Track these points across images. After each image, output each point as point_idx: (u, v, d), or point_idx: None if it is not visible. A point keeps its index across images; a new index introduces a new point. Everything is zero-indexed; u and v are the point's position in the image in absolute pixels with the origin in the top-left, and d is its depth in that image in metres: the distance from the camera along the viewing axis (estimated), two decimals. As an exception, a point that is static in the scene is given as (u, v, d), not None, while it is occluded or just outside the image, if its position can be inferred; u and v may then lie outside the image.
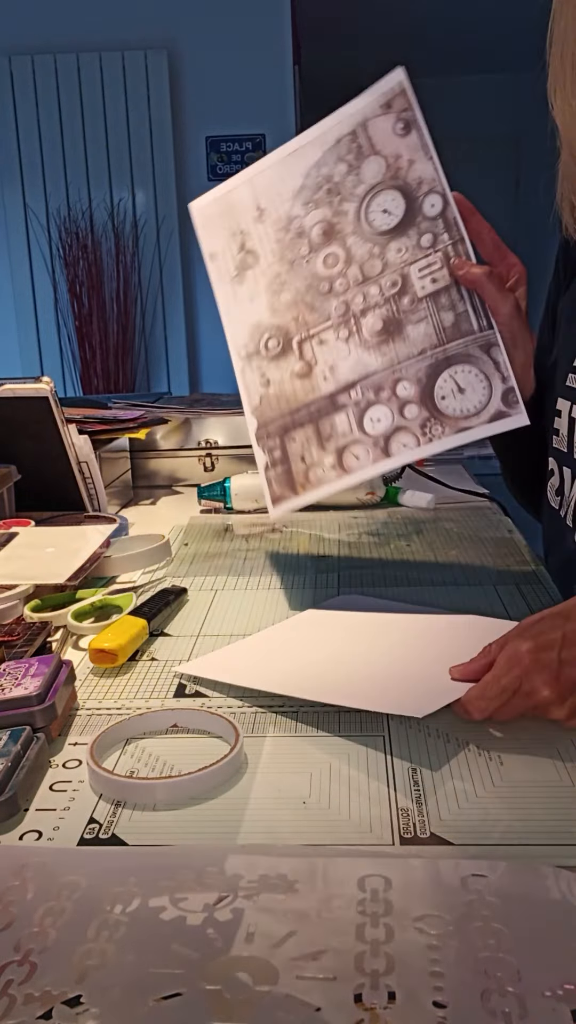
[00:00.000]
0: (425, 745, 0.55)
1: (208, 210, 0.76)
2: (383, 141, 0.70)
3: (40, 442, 1.06)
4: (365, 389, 0.70)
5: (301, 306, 0.72)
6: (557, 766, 0.52)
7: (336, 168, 0.70)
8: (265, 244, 0.72)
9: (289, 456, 0.73)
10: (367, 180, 0.70)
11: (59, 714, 0.58)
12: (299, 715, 0.60)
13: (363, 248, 0.70)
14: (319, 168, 0.71)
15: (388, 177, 0.69)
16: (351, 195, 0.70)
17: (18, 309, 3.93)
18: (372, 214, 0.69)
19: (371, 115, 0.69)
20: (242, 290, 0.74)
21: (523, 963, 0.35)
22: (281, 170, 0.72)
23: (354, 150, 0.70)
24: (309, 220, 0.71)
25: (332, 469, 0.72)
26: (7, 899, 0.40)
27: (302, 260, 0.71)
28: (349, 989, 0.34)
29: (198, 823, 0.48)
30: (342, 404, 0.71)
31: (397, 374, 0.69)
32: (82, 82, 3.70)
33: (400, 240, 0.69)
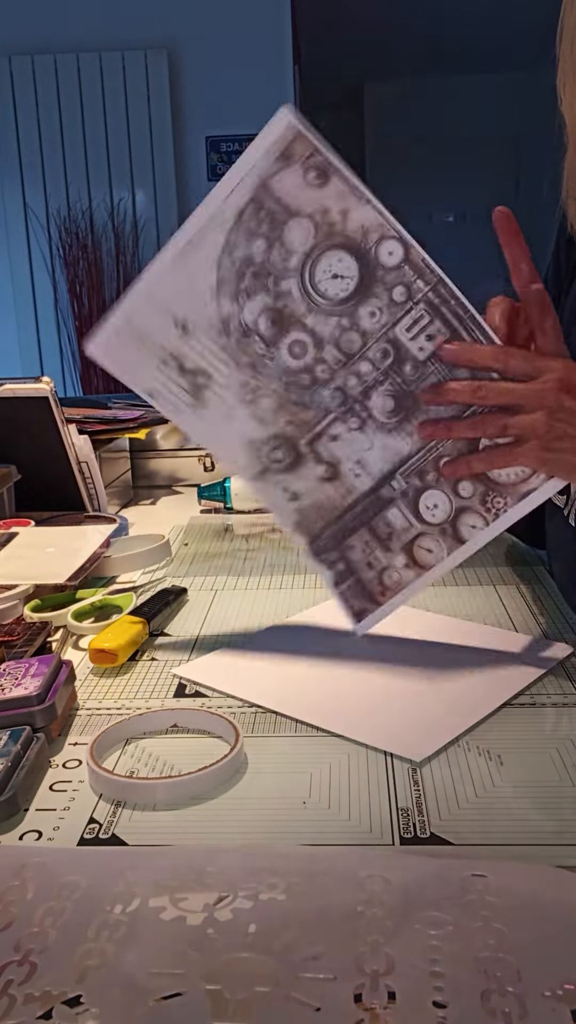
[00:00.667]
0: (425, 745, 0.55)
1: (115, 350, 0.62)
2: (297, 198, 0.57)
3: (40, 442, 1.06)
4: (407, 476, 0.62)
5: (290, 407, 0.61)
6: (557, 766, 0.52)
7: (252, 246, 0.58)
8: (209, 358, 0.61)
9: (355, 567, 0.65)
10: (297, 249, 0.58)
11: (59, 714, 0.58)
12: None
13: (328, 325, 0.59)
14: (229, 254, 0.58)
15: (322, 237, 0.57)
16: (285, 271, 0.58)
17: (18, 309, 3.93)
18: (321, 284, 0.58)
19: (268, 173, 0.57)
20: (209, 414, 0.62)
21: (523, 963, 0.35)
22: (180, 273, 0.59)
23: (265, 220, 0.57)
24: (248, 315, 0.59)
25: (407, 569, 0.64)
26: (7, 899, 0.40)
27: (263, 359, 0.60)
28: (349, 989, 0.34)
29: (198, 823, 0.48)
30: (388, 498, 0.62)
31: (435, 451, 0.61)
32: (82, 82, 3.70)
33: (368, 303, 0.58)
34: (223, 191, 0.58)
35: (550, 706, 0.60)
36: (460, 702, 0.60)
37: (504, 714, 0.59)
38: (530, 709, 0.60)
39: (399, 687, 0.63)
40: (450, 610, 0.78)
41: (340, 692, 0.63)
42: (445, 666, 0.66)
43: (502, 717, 0.59)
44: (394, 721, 0.58)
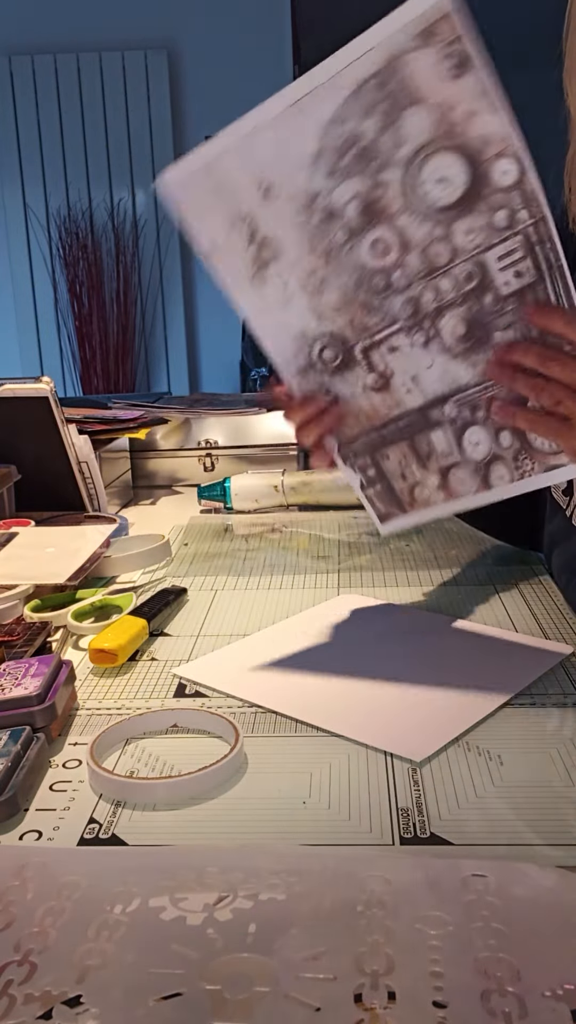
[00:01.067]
0: (425, 745, 0.55)
1: (188, 189, 0.57)
2: (426, 86, 0.51)
3: (40, 442, 1.06)
4: (461, 406, 0.59)
5: (355, 307, 0.57)
6: (557, 766, 0.52)
7: (364, 124, 0.52)
8: (284, 231, 0.56)
9: (387, 474, 0.64)
10: (411, 139, 0.52)
11: (59, 714, 0.58)
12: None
13: (421, 229, 0.54)
14: (338, 125, 0.52)
15: (440, 135, 0.52)
16: (392, 160, 0.53)
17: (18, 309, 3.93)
18: (425, 185, 0.53)
19: (403, 49, 0.50)
20: (268, 293, 0.58)
21: (523, 963, 0.35)
22: (282, 131, 0.54)
23: (385, 98, 0.51)
24: (339, 195, 0.54)
25: (439, 491, 0.63)
26: (7, 899, 0.40)
27: (341, 249, 0.56)
28: (349, 989, 0.34)
29: (198, 823, 0.48)
30: (436, 420, 0.60)
31: (492, 391, 0.58)
32: (82, 82, 3.70)
33: (468, 219, 0.53)
34: (348, 56, 0.52)
35: (550, 706, 0.60)
36: (460, 702, 0.60)
37: (504, 714, 0.59)
38: (530, 709, 0.60)
39: (399, 687, 0.63)
40: (450, 610, 0.78)
41: (340, 692, 0.63)
42: (445, 666, 0.66)
43: (502, 717, 0.59)
44: (394, 721, 0.58)
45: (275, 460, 1.30)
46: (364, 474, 0.65)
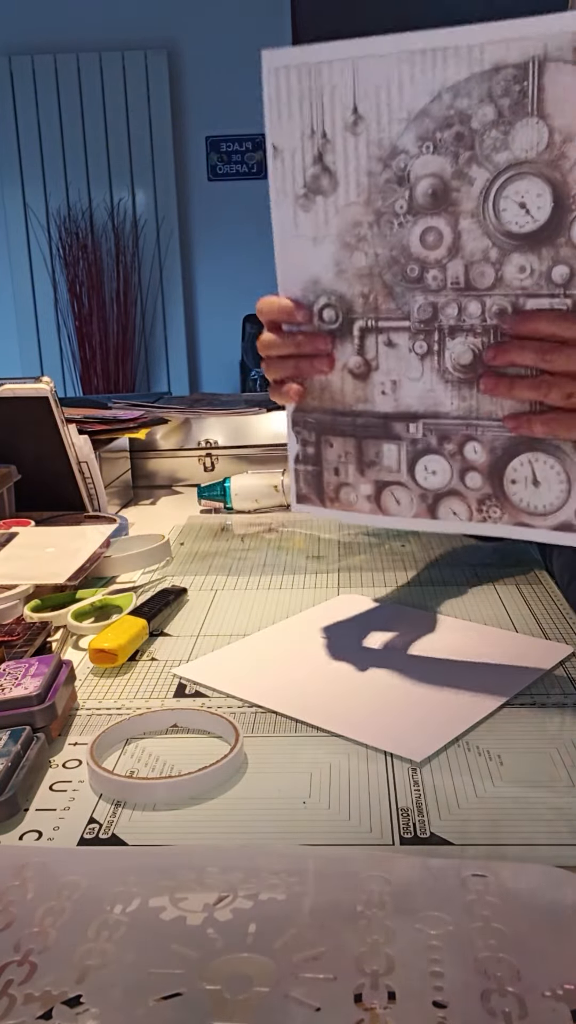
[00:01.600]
0: (425, 745, 0.55)
1: (285, 79, 0.53)
2: (558, 104, 0.48)
3: (40, 442, 1.06)
4: (428, 430, 0.57)
5: (377, 283, 0.54)
6: (557, 766, 0.52)
7: (479, 109, 0.49)
8: (351, 168, 0.53)
9: (323, 460, 0.62)
10: (515, 149, 0.49)
11: (59, 714, 0.58)
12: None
13: (478, 242, 0.52)
14: (454, 95, 0.49)
15: (545, 161, 0.49)
16: (486, 159, 0.50)
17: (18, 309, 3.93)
18: (504, 201, 0.50)
19: (556, 56, 0.47)
20: (306, 220, 0.55)
21: (523, 963, 0.35)
22: (403, 70, 0.50)
23: (514, 95, 0.48)
24: (419, 166, 0.51)
25: (366, 500, 0.61)
26: (7, 899, 0.40)
27: (393, 219, 0.53)
28: (349, 989, 0.34)
29: (198, 823, 0.48)
30: (396, 435, 0.58)
31: (471, 431, 0.56)
32: (82, 82, 3.70)
33: (528, 256, 0.51)
34: (497, 33, 0.49)
35: (550, 706, 0.60)
36: (460, 702, 0.60)
37: (504, 714, 0.59)
38: (530, 709, 0.60)
39: (399, 687, 0.63)
40: (450, 610, 0.78)
41: (340, 692, 0.63)
42: (445, 666, 0.66)
43: (502, 717, 0.59)
44: (394, 721, 0.58)
45: (275, 460, 1.30)
46: (303, 448, 0.62)
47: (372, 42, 0.52)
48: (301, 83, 0.53)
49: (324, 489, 0.63)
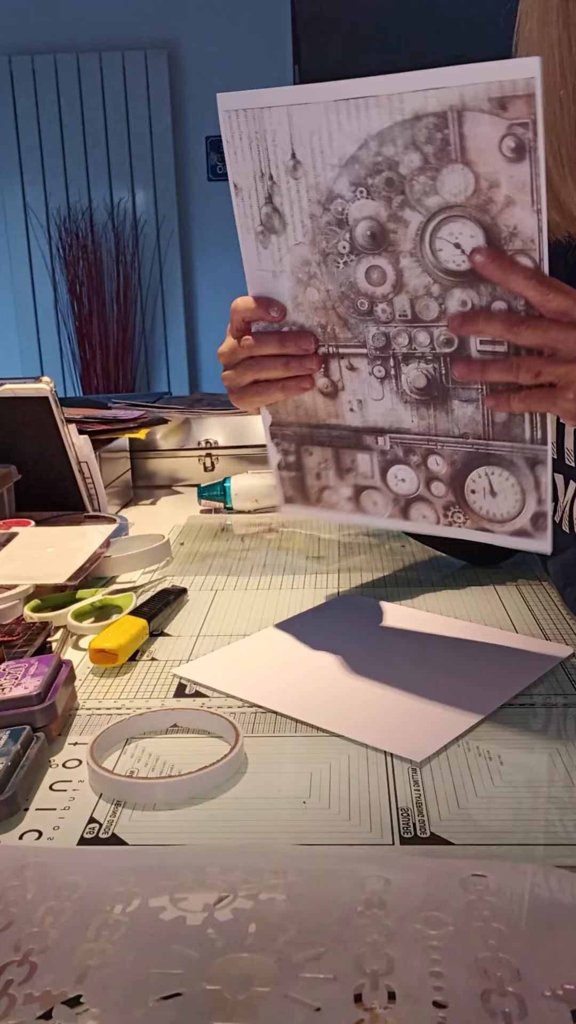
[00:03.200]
0: (425, 745, 0.55)
1: (237, 122, 0.57)
2: (480, 152, 0.50)
3: (40, 442, 1.06)
4: (395, 443, 0.60)
5: (331, 315, 0.58)
6: (557, 766, 0.52)
7: (406, 155, 0.51)
8: (295, 211, 0.55)
9: (304, 467, 0.66)
10: (444, 193, 0.51)
11: (59, 714, 0.58)
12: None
13: (419, 280, 0.54)
14: (381, 143, 0.51)
15: (474, 205, 0.51)
16: (418, 203, 0.52)
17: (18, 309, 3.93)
18: (440, 242, 0.52)
19: (473, 105, 0.49)
20: (265, 255, 0.58)
21: (523, 963, 0.35)
22: (329, 117, 0.53)
23: (437, 142, 0.50)
24: (356, 210, 0.53)
25: (348, 502, 0.66)
26: (7, 899, 0.40)
27: (339, 259, 0.56)
28: (349, 989, 0.34)
29: (198, 823, 0.48)
30: (367, 446, 0.62)
31: (432, 445, 0.59)
32: (82, 82, 3.70)
33: (468, 291, 0.53)
34: (417, 82, 0.50)
35: (550, 706, 0.60)
36: (460, 702, 0.60)
37: (504, 714, 0.59)
38: (530, 709, 0.60)
39: (399, 687, 0.63)
40: (450, 611, 0.78)
41: (340, 692, 0.63)
42: (445, 666, 0.66)
43: (502, 717, 0.59)
44: (394, 721, 0.58)
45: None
46: (284, 457, 0.66)
47: (304, 89, 0.54)
48: (249, 126, 0.56)
49: (308, 492, 0.67)
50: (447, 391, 0.57)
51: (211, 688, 0.64)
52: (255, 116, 0.56)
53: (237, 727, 0.55)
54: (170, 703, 0.63)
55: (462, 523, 0.62)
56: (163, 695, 0.64)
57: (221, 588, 0.87)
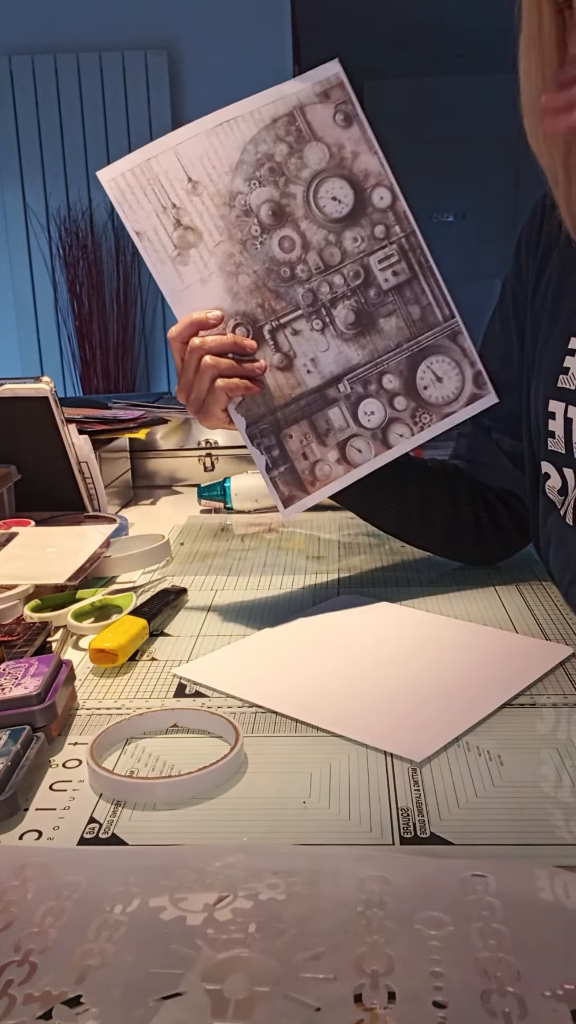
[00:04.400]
0: (425, 745, 0.55)
1: (125, 181, 0.68)
2: (324, 129, 0.69)
3: (40, 442, 1.06)
4: (353, 383, 0.70)
5: (265, 291, 0.68)
6: (557, 766, 0.52)
7: (276, 147, 0.68)
8: (207, 220, 0.67)
9: (290, 454, 0.71)
10: (311, 165, 0.68)
11: (59, 714, 0.58)
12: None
13: (318, 234, 0.68)
14: (256, 145, 0.67)
15: (333, 165, 0.68)
16: (296, 178, 0.68)
17: (18, 309, 3.93)
18: (322, 200, 0.68)
19: (308, 101, 0.68)
20: (188, 271, 0.67)
21: (523, 963, 0.35)
22: (212, 141, 0.67)
23: (293, 132, 0.68)
24: (255, 198, 0.67)
25: (338, 464, 0.71)
26: (7, 899, 0.40)
27: (255, 241, 0.67)
28: (349, 989, 0.34)
29: (198, 823, 0.48)
30: (332, 398, 0.70)
31: (380, 368, 0.70)
32: (82, 82, 3.70)
33: (354, 230, 0.69)
34: (266, 98, 0.68)
35: (550, 706, 0.60)
36: (460, 702, 0.60)
37: (504, 714, 0.59)
38: (530, 709, 0.60)
39: (399, 687, 0.63)
40: (450, 611, 0.78)
41: (340, 692, 0.63)
42: (445, 666, 0.66)
43: (502, 717, 0.59)
44: (394, 721, 0.58)
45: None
46: (269, 455, 0.71)
47: (180, 132, 0.68)
48: (139, 179, 0.68)
49: (302, 478, 0.72)
50: (371, 314, 0.70)
51: (211, 688, 0.64)
52: (143, 168, 0.68)
53: (237, 727, 0.55)
54: (170, 703, 0.63)
55: (429, 422, 0.72)
56: (163, 695, 0.64)
57: (221, 588, 0.87)
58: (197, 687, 0.65)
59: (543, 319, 0.80)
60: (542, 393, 0.78)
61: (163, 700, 0.63)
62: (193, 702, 0.63)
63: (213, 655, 0.70)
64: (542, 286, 0.81)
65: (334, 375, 0.70)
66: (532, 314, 0.82)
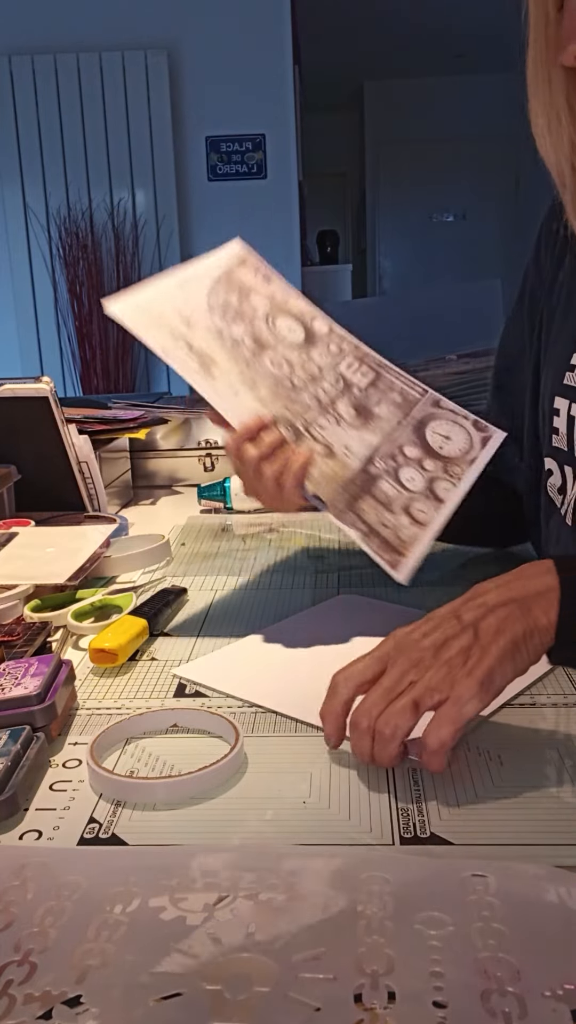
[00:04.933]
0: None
1: (135, 315, 0.73)
2: (254, 285, 0.77)
3: (40, 442, 1.06)
4: (383, 459, 0.74)
5: (283, 398, 0.73)
6: (557, 766, 0.52)
7: (229, 297, 0.76)
8: (210, 347, 0.73)
9: (373, 527, 0.73)
10: (260, 308, 0.76)
11: (59, 714, 0.58)
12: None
13: (293, 354, 0.75)
14: (215, 295, 0.76)
15: (275, 308, 0.76)
16: (255, 317, 0.75)
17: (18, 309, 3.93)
18: (280, 331, 0.76)
19: (230, 268, 0.77)
20: (219, 384, 0.72)
21: (523, 963, 0.35)
22: (184, 292, 0.75)
23: (234, 288, 0.76)
24: (235, 331, 0.74)
25: (412, 526, 0.73)
26: (7, 899, 0.40)
27: (253, 361, 0.74)
28: (349, 989, 0.34)
29: (198, 823, 0.48)
30: (376, 474, 0.73)
31: (396, 443, 0.75)
32: (82, 82, 3.70)
33: (316, 349, 0.76)
34: (201, 266, 0.77)
35: (550, 706, 0.60)
36: None
37: (504, 714, 0.59)
38: (530, 709, 0.60)
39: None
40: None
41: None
42: None
43: (502, 717, 0.59)
44: None
45: (275, 460, 1.30)
46: (358, 530, 0.72)
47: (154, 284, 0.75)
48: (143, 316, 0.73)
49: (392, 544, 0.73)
50: (365, 406, 0.75)
51: (211, 688, 0.64)
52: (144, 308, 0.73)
53: (237, 727, 0.55)
54: (170, 703, 0.63)
55: (461, 472, 0.74)
56: (163, 695, 0.64)
57: (221, 588, 0.87)
58: (197, 687, 0.65)
59: (556, 315, 0.80)
60: (549, 389, 0.79)
61: (163, 700, 0.63)
62: (193, 702, 0.63)
63: (213, 655, 0.70)
64: (559, 281, 0.81)
65: (366, 456, 0.74)
66: (547, 309, 0.82)
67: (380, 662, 0.54)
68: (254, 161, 3.86)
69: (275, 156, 3.82)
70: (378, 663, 0.54)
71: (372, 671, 0.54)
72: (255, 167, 3.86)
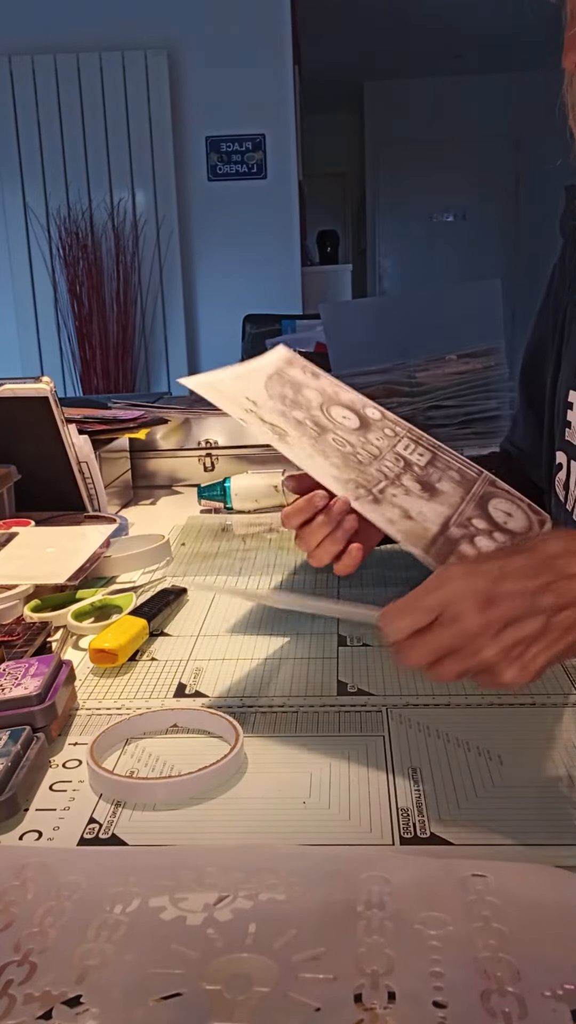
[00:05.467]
0: (425, 745, 0.55)
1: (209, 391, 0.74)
2: (304, 381, 0.79)
3: (40, 442, 1.06)
4: (457, 527, 0.74)
5: (353, 469, 0.73)
6: (557, 766, 0.52)
7: (284, 390, 0.77)
8: (280, 422, 0.73)
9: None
10: (314, 400, 0.78)
11: (59, 714, 0.58)
12: (299, 715, 0.60)
13: (352, 437, 0.76)
14: (271, 387, 0.77)
15: (328, 399, 0.79)
16: (311, 407, 0.77)
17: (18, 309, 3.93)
18: (337, 419, 0.77)
19: (280, 368, 0.79)
20: (295, 451, 0.72)
21: (523, 963, 0.35)
22: (242, 383, 0.76)
23: (288, 383, 0.78)
24: (296, 415, 0.75)
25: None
26: (7, 899, 0.40)
27: (319, 438, 0.74)
28: (349, 989, 0.34)
29: (198, 823, 0.48)
30: (455, 538, 0.74)
31: (465, 514, 0.75)
32: (82, 82, 3.70)
33: (371, 433, 0.77)
34: (254, 364, 0.79)
35: (550, 706, 0.60)
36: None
37: (504, 714, 0.59)
38: (530, 709, 0.60)
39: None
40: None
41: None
42: None
43: (502, 717, 0.59)
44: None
45: (275, 460, 1.30)
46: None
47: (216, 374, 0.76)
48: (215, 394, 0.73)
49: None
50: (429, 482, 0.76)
51: (209, 681, 0.64)
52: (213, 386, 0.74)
53: (237, 727, 0.55)
54: (170, 703, 0.63)
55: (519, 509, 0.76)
56: (163, 695, 0.64)
57: (221, 588, 0.87)
58: (197, 687, 0.65)
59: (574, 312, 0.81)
60: (565, 383, 0.79)
61: (163, 700, 0.63)
62: (193, 702, 0.63)
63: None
64: None
65: (441, 524, 0.74)
66: (571, 304, 0.82)
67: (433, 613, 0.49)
68: (254, 161, 3.86)
69: (275, 156, 3.82)
70: (430, 615, 0.49)
71: (427, 618, 0.49)
72: (255, 167, 3.86)
